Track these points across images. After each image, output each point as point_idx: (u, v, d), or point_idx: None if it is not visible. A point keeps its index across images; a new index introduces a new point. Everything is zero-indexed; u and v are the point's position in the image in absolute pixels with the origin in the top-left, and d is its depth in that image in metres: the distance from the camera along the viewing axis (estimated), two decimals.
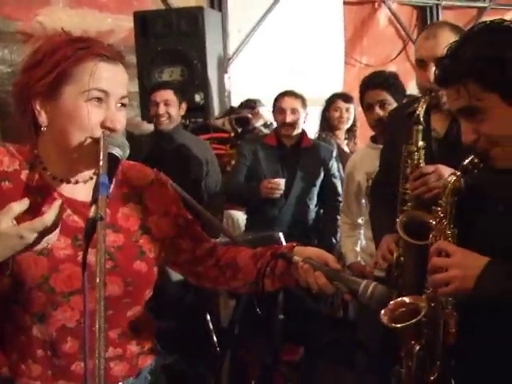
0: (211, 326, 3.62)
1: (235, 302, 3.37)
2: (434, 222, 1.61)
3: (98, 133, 1.37)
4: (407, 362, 1.71)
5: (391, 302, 1.66)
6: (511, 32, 1.44)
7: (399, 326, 1.65)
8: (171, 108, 3.92)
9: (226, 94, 5.69)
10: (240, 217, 4.44)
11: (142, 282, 1.51)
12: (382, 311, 1.66)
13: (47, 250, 1.37)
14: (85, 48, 1.38)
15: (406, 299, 1.69)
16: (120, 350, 1.51)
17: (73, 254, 1.41)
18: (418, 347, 1.67)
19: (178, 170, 3.84)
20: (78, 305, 1.38)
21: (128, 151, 1.40)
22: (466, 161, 1.55)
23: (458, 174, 1.58)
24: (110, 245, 1.45)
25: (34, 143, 1.44)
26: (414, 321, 1.62)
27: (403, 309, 1.68)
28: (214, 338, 3.56)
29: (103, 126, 1.38)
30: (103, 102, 1.39)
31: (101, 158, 1.31)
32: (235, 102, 5.39)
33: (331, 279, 1.45)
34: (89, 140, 1.37)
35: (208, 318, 3.58)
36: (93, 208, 1.20)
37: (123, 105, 1.44)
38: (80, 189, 1.47)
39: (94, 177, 1.46)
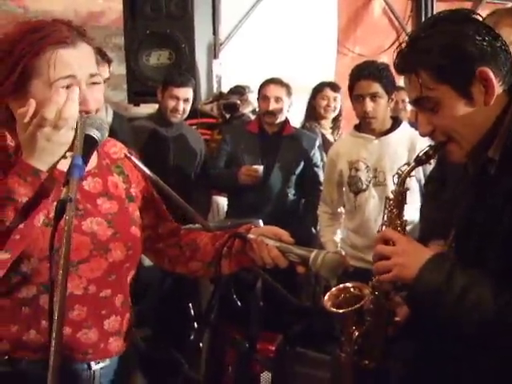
0: (192, 313, 3.62)
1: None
2: (386, 211, 1.61)
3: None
4: (346, 348, 1.71)
5: (335, 288, 1.67)
6: (472, 23, 1.41)
7: (341, 311, 1.66)
8: (188, 105, 3.92)
9: (217, 79, 5.66)
10: (224, 202, 4.44)
11: (138, 245, 1.61)
12: (326, 296, 1.67)
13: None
14: (41, 38, 1.36)
15: (351, 285, 1.69)
16: (119, 319, 1.57)
17: (77, 224, 1.45)
18: (357, 333, 1.68)
19: (174, 157, 3.88)
20: (86, 273, 1.47)
21: (107, 133, 1.38)
22: (421, 152, 1.54)
23: (412, 164, 1.57)
24: (107, 212, 1.54)
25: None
26: (355, 307, 1.64)
27: (347, 295, 1.69)
28: (194, 324, 3.57)
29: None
30: (73, 85, 1.37)
31: (77, 138, 1.30)
32: (226, 88, 5.37)
33: (283, 252, 1.51)
34: None
35: (190, 305, 3.59)
36: (64, 189, 1.20)
37: (95, 83, 1.42)
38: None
39: None
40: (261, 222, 3.10)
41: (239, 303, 3.11)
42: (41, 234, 1.37)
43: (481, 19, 1.45)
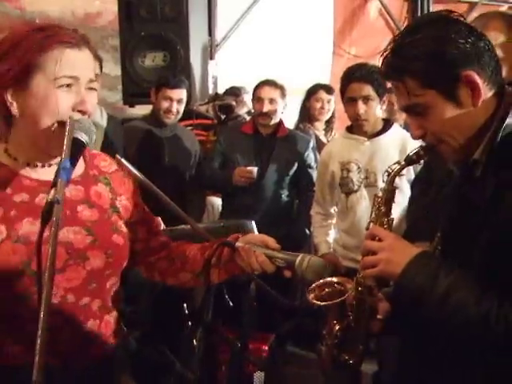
0: (186, 312, 3.63)
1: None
2: (374, 208, 1.64)
3: (67, 117, 1.40)
4: (327, 341, 1.73)
5: (320, 281, 1.69)
6: (453, 25, 1.42)
7: (322, 304, 1.68)
8: (182, 106, 3.96)
9: (213, 80, 5.68)
10: (219, 203, 4.46)
11: (120, 253, 1.60)
12: (310, 288, 1.70)
13: (23, 238, 1.42)
14: (49, 36, 1.41)
15: (335, 279, 1.72)
16: (98, 322, 1.57)
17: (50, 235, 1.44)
18: (337, 327, 1.70)
19: (169, 158, 3.91)
20: (62, 282, 1.46)
21: (94, 137, 1.42)
22: (412, 152, 1.56)
23: (403, 163, 1.59)
24: (87, 220, 1.54)
25: (5, 135, 1.47)
26: (335, 301, 1.66)
27: (330, 289, 1.71)
28: (188, 324, 3.58)
29: (74, 109, 1.42)
30: (73, 86, 1.42)
31: (65, 142, 1.33)
32: (222, 89, 5.39)
33: (270, 257, 1.55)
34: (56, 124, 1.41)
35: (184, 304, 3.60)
36: (52, 191, 1.22)
37: (92, 89, 1.47)
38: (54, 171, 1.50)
39: None
40: (253, 224, 3.12)
41: (231, 303, 3.13)
42: (11, 251, 1.39)
43: (462, 19, 1.44)
